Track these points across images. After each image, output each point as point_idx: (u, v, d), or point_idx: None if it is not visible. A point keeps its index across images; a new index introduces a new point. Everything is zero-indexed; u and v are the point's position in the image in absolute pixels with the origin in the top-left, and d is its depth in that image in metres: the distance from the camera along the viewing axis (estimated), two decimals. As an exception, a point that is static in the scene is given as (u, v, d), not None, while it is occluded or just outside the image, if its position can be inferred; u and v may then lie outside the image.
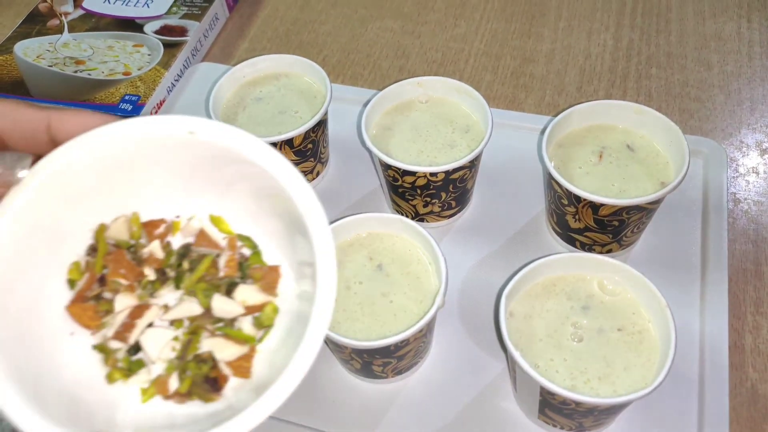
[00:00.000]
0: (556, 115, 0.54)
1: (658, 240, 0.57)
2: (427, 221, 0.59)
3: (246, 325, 0.30)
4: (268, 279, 0.31)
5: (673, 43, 0.75)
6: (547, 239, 0.58)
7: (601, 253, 0.54)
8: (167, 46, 0.75)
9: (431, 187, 0.54)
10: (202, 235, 0.31)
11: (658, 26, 0.77)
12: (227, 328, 0.30)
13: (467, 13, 0.81)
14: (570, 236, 0.55)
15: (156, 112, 0.70)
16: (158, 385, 0.29)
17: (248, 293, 0.30)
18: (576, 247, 0.55)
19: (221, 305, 0.30)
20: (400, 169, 0.52)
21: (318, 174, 0.63)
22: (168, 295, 0.30)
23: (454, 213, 0.59)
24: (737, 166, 0.63)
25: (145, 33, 0.76)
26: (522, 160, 0.63)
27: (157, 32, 0.76)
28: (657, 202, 0.50)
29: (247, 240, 0.31)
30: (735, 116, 0.67)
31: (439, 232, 0.59)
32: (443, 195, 0.55)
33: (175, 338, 0.30)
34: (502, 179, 0.62)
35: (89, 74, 0.72)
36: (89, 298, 0.29)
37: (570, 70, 0.73)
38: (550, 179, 0.52)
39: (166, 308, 0.30)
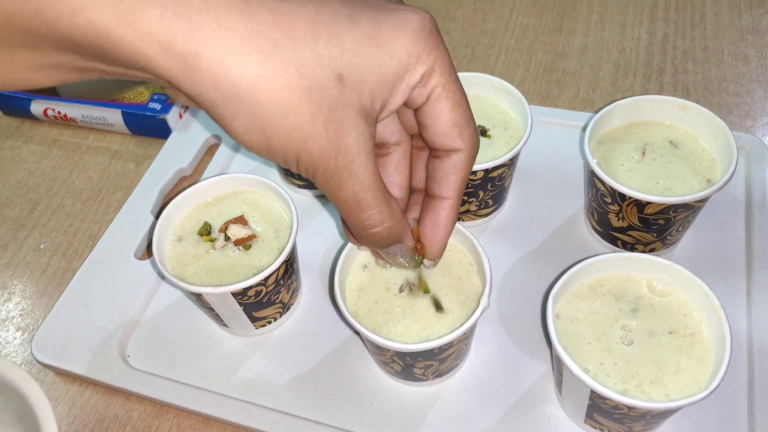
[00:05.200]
0: (596, 112, 0.53)
1: (702, 238, 0.55)
2: (463, 220, 0.58)
3: None
4: None
5: (709, 37, 0.73)
6: (586, 238, 0.56)
7: (643, 252, 0.53)
8: (194, 44, 0.74)
9: (469, 185, 0.52)
10: None
11: (693, 20, 0.75)
12: None
13: (496, 8, 0.80)
14: (612, 235, 0.54)
15: (184, 112, 0.70)
16: None
17: None
18: (617, 246, 0.54)
19: None
20: (438, 167, 0.51)
21: (350, 173, 0.62)
22: None
23: (491, 212, 0.58)
24: (780, 162, 0.61)
25: (171, 31, 0.75)
26: (558, 157, 0.62)
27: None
28: (704, 200, 0.49)
29: None
30: (775, 111, 0.66)
31: (475, 232, 0.57)
32: (481, 193, 0.54)
33: None
34: (537, 177, 0.61)
35: (117, 73, 0.72)
36: None
37: (604, 65, 0.72)
38: (592, 177, 0.51)
39: None
